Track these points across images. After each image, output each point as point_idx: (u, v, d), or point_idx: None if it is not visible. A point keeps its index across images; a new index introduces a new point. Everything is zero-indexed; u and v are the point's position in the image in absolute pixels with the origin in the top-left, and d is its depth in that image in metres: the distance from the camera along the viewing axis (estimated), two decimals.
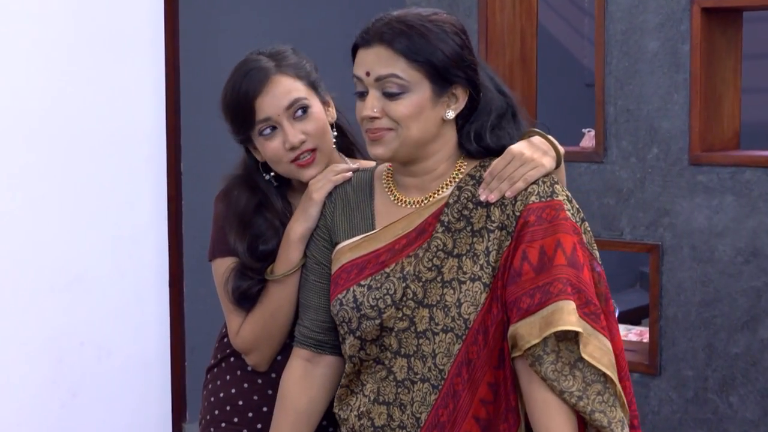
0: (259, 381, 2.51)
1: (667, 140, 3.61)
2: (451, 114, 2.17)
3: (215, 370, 2.59)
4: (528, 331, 2.05)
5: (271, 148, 2.43)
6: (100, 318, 4.21)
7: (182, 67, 4.41)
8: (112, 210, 4.23)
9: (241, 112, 2.43)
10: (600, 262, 2.18)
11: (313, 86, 2.46)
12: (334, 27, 5.09)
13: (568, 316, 2.03)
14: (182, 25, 4.36)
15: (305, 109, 2.42)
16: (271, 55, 2.46)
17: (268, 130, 2.42)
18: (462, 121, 2.21)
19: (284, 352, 2.44)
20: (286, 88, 2.41)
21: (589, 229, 2.19)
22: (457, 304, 2.11)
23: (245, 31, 5.20)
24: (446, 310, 2.12)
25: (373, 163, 2.46)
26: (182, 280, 4.53)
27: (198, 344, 4.76)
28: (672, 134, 3.61)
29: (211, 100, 5.04)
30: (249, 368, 2.51)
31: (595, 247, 2.19)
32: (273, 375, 2.47)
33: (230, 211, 2.49)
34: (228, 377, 2.55)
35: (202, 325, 4.87)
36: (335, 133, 2.51)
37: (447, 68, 2.13)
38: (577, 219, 2.15)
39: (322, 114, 2.45)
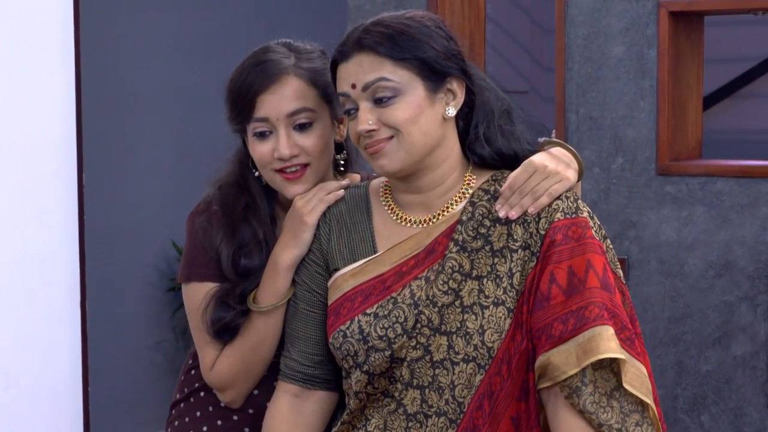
0: (235, 417, 2.35)
1: (633, 149, 3.62)
2: (451, 111, 2.05)
3: (182, 405, 2.41)
4: (563, 360, 1.95)
5: (259, 151, 2.26)
6: (5, 344, 4.03)
7: (83, 73, 4.21)
8: (19, 226, 4.04)
9: (241, 102, 2.25)
10: (624, 282, 2.09)
11: (327, 99, 2.27)
12: (241, 29, 5.15)
13: (607, 342, 1.94)
14: (83, 30, 4.18)
15: (309, 123, 2.25)
16: (294, 50, 2.28)
17: (261, 131, 2.25)
18: (463, 122, 2.09)
19: (262, 385, 2.30)
20: (295, 93, 2.24)
21: (611, 246, 2.09)
22: (480, 331, 1.99)
23: (149, 36, 5.14)
24: (468, 337, 2.00)
25: (359, 177, 2.34)
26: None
27: (102, 367, 4.59)
28: (638, 143, 3.61)
29: (114, 108, 4.91)
30: (223, 404, 2.35)
31: (618, 266, 2.10)
32: (250, 411, 2.33)
33: (215, 218, 2.31)
34: (198, 413, 2.38)
35: (107, 348, 4.69)
36: (344, 155, 2.35)
37: (437, 61, 2.03)
38: (600, 237, 2.05)
39: (326, 132, 2.27)
